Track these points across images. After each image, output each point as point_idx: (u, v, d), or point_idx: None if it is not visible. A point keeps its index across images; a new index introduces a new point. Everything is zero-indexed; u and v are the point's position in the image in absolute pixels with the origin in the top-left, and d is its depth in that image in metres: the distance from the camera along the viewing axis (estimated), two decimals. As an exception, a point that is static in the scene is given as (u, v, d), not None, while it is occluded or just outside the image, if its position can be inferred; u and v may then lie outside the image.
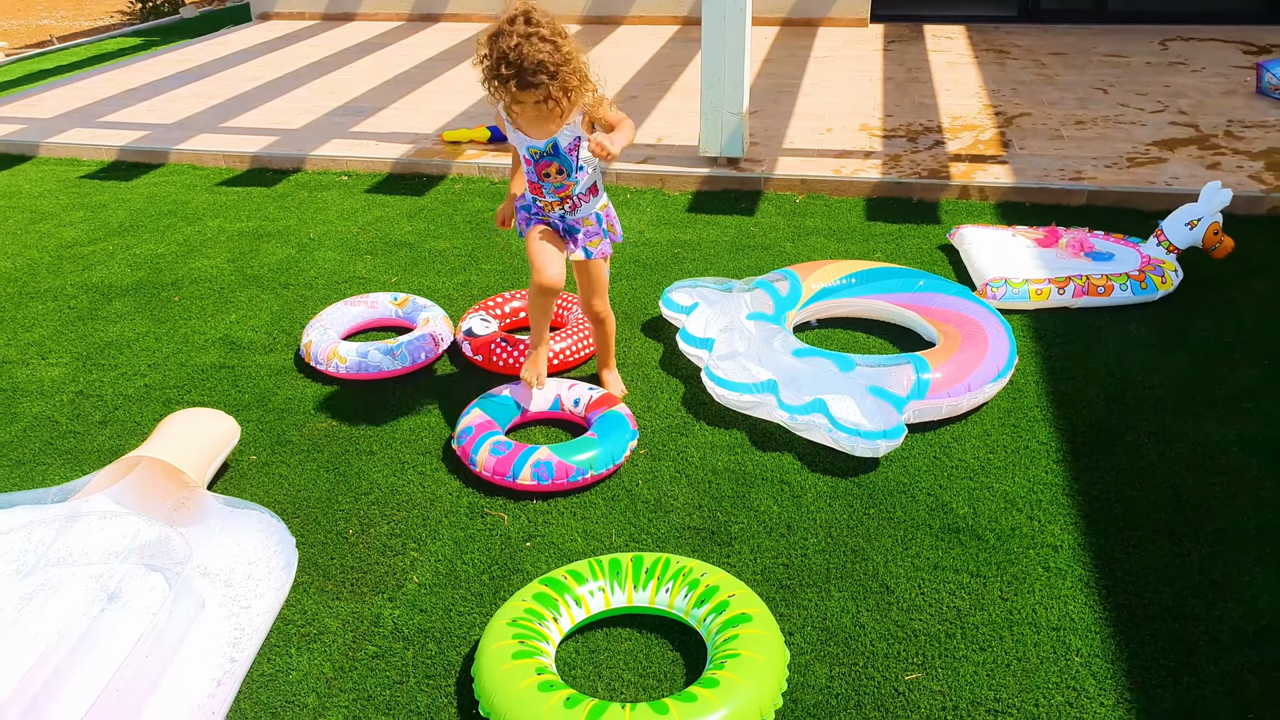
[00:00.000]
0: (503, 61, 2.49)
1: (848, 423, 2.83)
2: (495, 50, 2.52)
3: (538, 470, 2.72)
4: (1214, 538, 2.51)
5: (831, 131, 5.52)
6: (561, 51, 2.50)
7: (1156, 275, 3.61)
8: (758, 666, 2.03)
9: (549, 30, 2.51)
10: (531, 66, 2.47)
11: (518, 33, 2.48)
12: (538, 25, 2.50)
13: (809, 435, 2.92)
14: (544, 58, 2.47)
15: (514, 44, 2.47)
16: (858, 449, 2.81)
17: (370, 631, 2.35)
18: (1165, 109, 5.67)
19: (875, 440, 2.79)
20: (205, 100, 6.65)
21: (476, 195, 5.04)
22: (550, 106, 2.57)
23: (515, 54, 2.46)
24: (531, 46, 2.46)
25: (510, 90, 2.53)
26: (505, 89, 2.54)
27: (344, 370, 3.33)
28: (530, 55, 2.46)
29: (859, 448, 2.80)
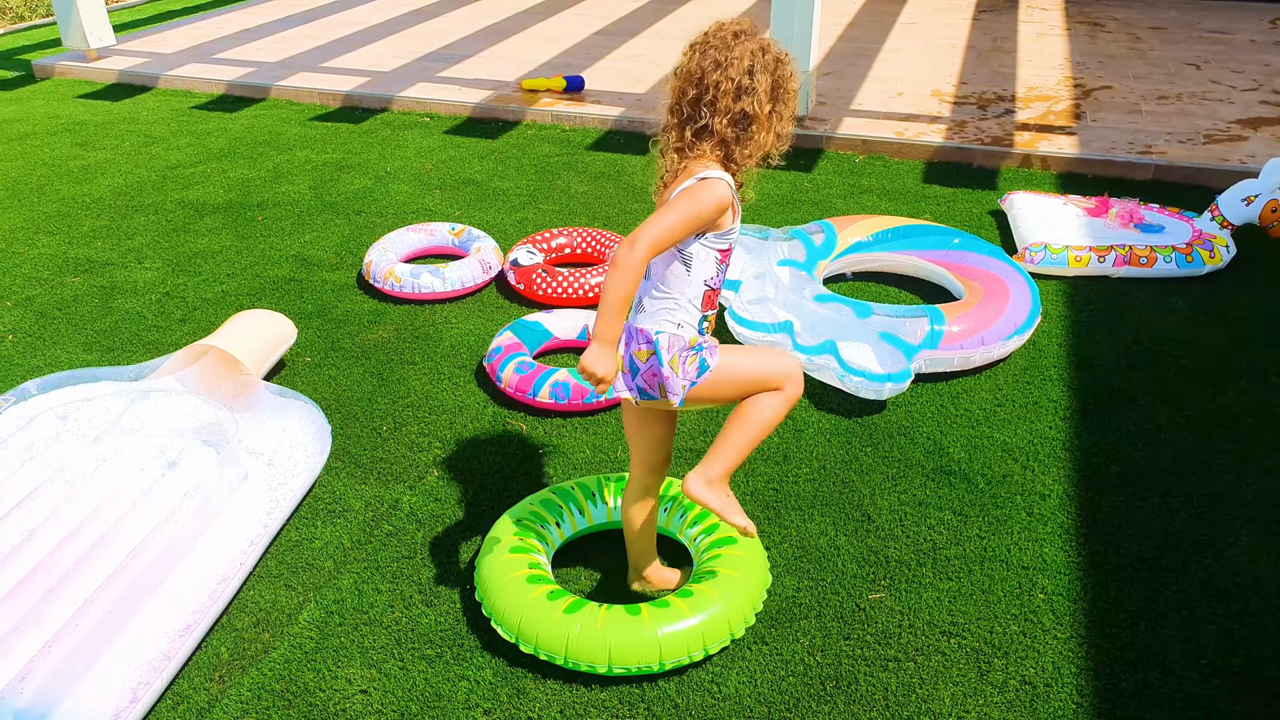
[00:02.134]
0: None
1: (856, 365, 2.94)
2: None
3: (555, 390, 2.91)
4: (1206, 500, 2.53)
5: (902, 95, 5.51)
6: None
7: (1205, 250, 3.56)
8: (732, 584, 2.16)
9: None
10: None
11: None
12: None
13: (820, 376, 3.03)
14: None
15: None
16: (863, 390, 2.91)
17: (388, 513, 2.59)
18: (1259, 87, 5.46)
19: (880, 383, 2.88)
20: (309, 41, 7.00)
21: (546, 141, 5.22)
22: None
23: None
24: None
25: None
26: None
27: (398, 289, 3.58)
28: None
29: (864, 389, 2.90)
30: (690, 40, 1.91)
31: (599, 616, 2.07)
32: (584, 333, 3.26)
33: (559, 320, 3.26)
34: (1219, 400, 2.93)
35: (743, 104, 1.82)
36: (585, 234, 3.85)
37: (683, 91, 1.87)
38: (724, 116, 1.83)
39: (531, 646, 2.08)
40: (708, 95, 1.83)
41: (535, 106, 5.53)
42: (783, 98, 1.88)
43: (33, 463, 2.57)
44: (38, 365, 3.27)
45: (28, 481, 2.52)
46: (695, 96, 1.85)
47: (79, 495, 2.46)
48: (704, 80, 1.83)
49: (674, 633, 2.04)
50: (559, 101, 5.60)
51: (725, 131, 1.84)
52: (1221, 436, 2.77)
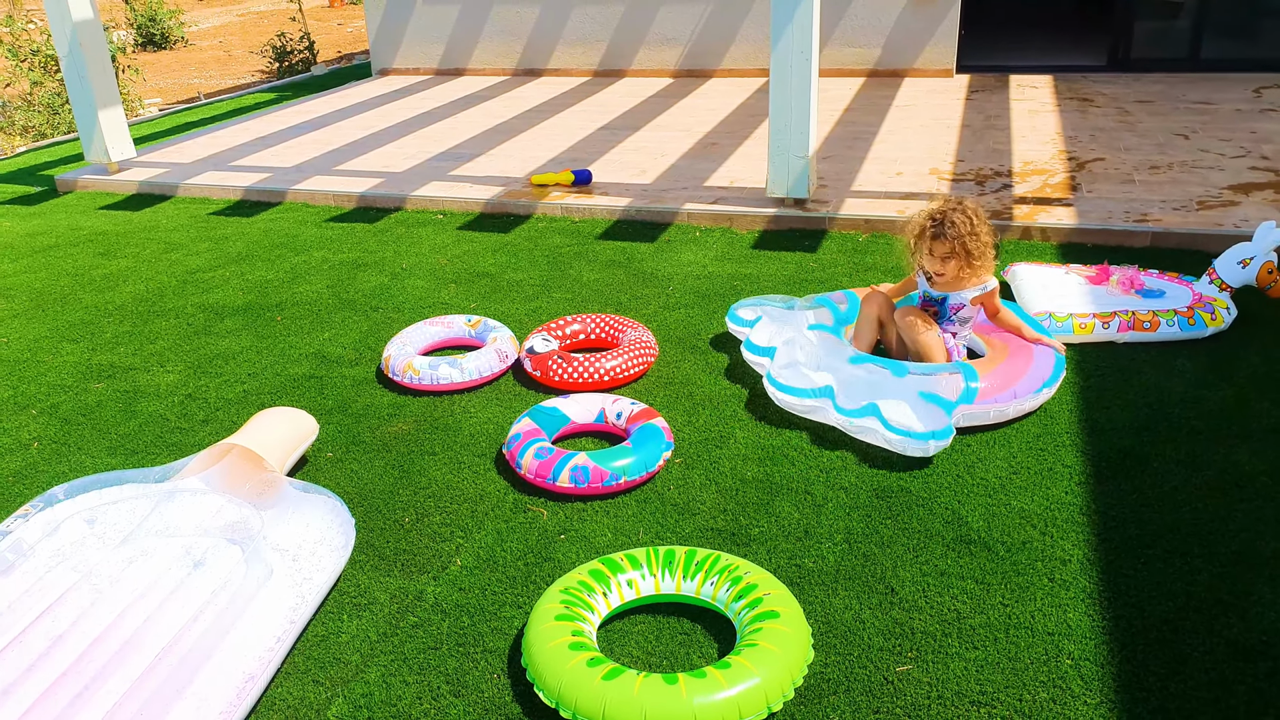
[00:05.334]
0: (930, 219, 3.28)
1: (899, 425, 3.00)
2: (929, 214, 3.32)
3: (575, 474, 2.95)
4: (1227, 559, 2.54)
5: (901, 175, 5.67)
6: (975, 226, 3.23)
7: (1206, 313, 3.63)
8: (772, 657, 2.18)
9: (973, 212, 3.27)
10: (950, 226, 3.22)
11: (951, 207, 3.27)
12: (966, 207, 3.27)
13: (864, 437, 3.11)
14: (959, 223, 3.21)
15: (943, 211, 3.26)
16: (909, 449, 2.98)
17: (413, 604, 2.61)
18: (1247, 154, 5.61)
19: (925, 440, 2.96)
20: (322, 146, 7.27)
21: (557, 233, 5.38)
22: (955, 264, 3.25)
23: (941, 216, 3.24)
24: (958, 215, 3.23)
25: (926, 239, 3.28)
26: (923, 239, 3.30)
27: (417, 381, 3.66)
28: (951, 219, 3.22)
29: (910, 447, 2.97)
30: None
31: (636, 684, 2.10)
32: (601, 416, 3.31)
33: (576, 405, 3.32)
34: (1231, 459, 2.95)
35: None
36: (598, 320, 3.94)
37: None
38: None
39: (571, 712, 2.11)
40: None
41: (545, 200, 5.71)
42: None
43: (59, 568, 2.61)
44: (63, 471, 3.33)
45: (55, 587, 2.55)
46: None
47: (106, 599, 2.49)
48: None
49: (709, 703, 2.05)
50: (568, 194, 5.78)
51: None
52: (1236, 495, 2.78)
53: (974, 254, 3.23)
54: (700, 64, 9.15)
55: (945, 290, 3.39)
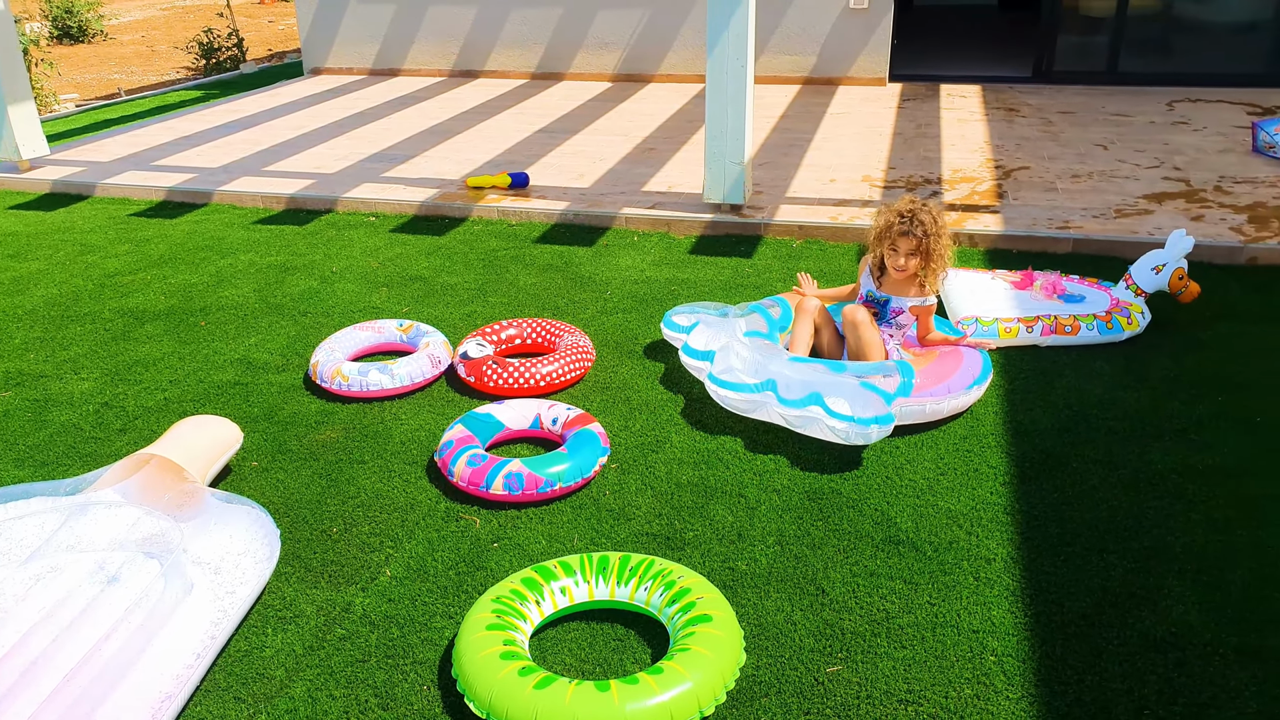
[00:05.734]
0: (898, 215, 3.35)
1: (843, 413, 3.05)
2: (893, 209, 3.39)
3: (509, 481, 2.93)
4: (1140, 554, 2.63)
5: (834, 182, 5.76)
6: (939, 227, 3.35)
7: (1123, 317, 3.75)
8: (704, 661, 2.19)
9: (937, 213, 3.38)
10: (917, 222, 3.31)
11: (919, 206, 3.36)
12: (931, 208, 3.38)
13: (806, 430, 3.15)
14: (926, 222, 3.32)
15: (912, 209, 3.34)
16: (852, 436, 3.02)
17: (341, 616, 2.56)
18: (1161, 165, 5.82)
19: (868, 426, 3.01)
20: (251, 146, 7.11)
21: (493, 236, 5.34)
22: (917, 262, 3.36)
23: (910, 213, 3.33)
24: (925, 215, 3.33)
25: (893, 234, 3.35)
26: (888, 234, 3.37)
27: (346, 388, 3.59)
28: (919, 217, 3.32)
29: (853, 434, 3.02)
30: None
31: (568, 692, 2.09)
32: (536, 422, 3.29)
33: (510, 411, 3.30)
34: (1145, 458, 3.05)
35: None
36: (534, 325, 3.92)
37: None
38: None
39: None
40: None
41: (481, 203, 5.66)
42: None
43: (-41, 588, 2.50)
44: (-26, 481, 3.20)
45: (-46, 609, 2.44)
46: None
47: (10, 618, 2.38)
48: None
49: (641, 709, 2.05)
50: (505, 197, 5.74)
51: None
52: (1149, 493, 2.88)
53: (935, 254, 3.34)
54: (639, 69, 9.18)
55: (890, 293, 3.46)
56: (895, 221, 3.35)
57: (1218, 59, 8.11)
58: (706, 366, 3.49)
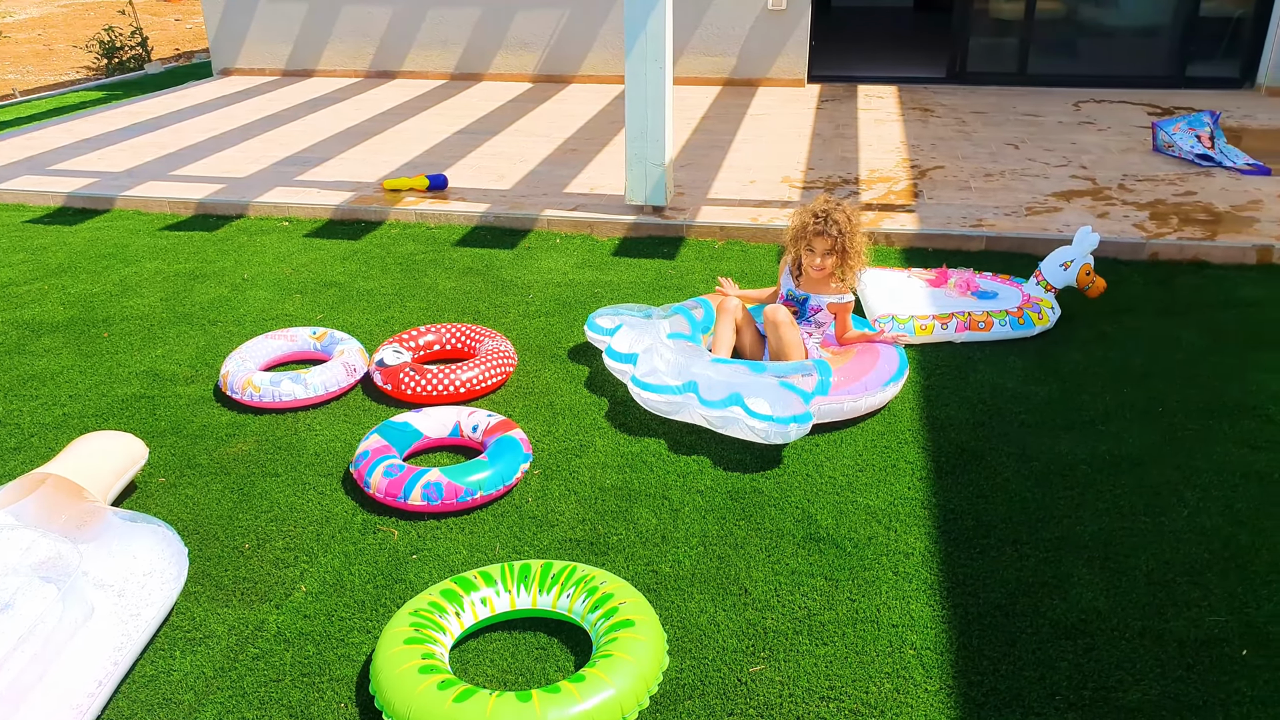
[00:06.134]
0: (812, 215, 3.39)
1: (762, 412, 3.06)
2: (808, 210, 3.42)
3: (427, 491, 2.87)
4: (1051, 544, 2.70)
5: (755, 183, 5.80)
6: (853, 225, 3.40)
7: (1034, 312, 3.85)
8: (626, 667, 2.17)
9: (851, 212, 3.44)
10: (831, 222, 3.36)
11: (833, 206, 3.40)
12: (845, 207, 3.42)
13: (727, 430, 3.17)
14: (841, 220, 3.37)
15: (841, 215, 3.38)
16: (771, 435, 3.04)
17: (254, 635, 2.47)
18: (1068, 164, 6.01)
19: (787, 424, 3.03)
20: (157, 150, 6.86)
21: (411, 240, 5.24)
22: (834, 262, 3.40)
23: (825, 214, 3.37)
24: (840, 214, 3.37)
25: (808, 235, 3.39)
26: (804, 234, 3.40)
27: (258, 399, 3.48)
28: (834, 216, 3.36)
29: (773, 433, 3.03)
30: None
31: (489, 704, 2.05)
32: (456, 429, 3.23)
33: (429, 419, 3.23)
34: (1056, 450, 3.14)
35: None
36: (453, 330, 3.85)
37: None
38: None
39: None
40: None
41: (398, 206, 5.56)
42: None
43: None
44: None
45: None
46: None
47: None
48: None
49: (563, 718, 2.02)
50: (423, 200, 5.64)
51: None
52: (1060, 484, 2.96)
53: (850, 253, 3.38)
54: (559, 69, 9.13)
55: (809, 291, 3.49)
56: (810, 221, 3.38)
57: (1120, 61, 8.43)
58: (630, 369, 3.48)
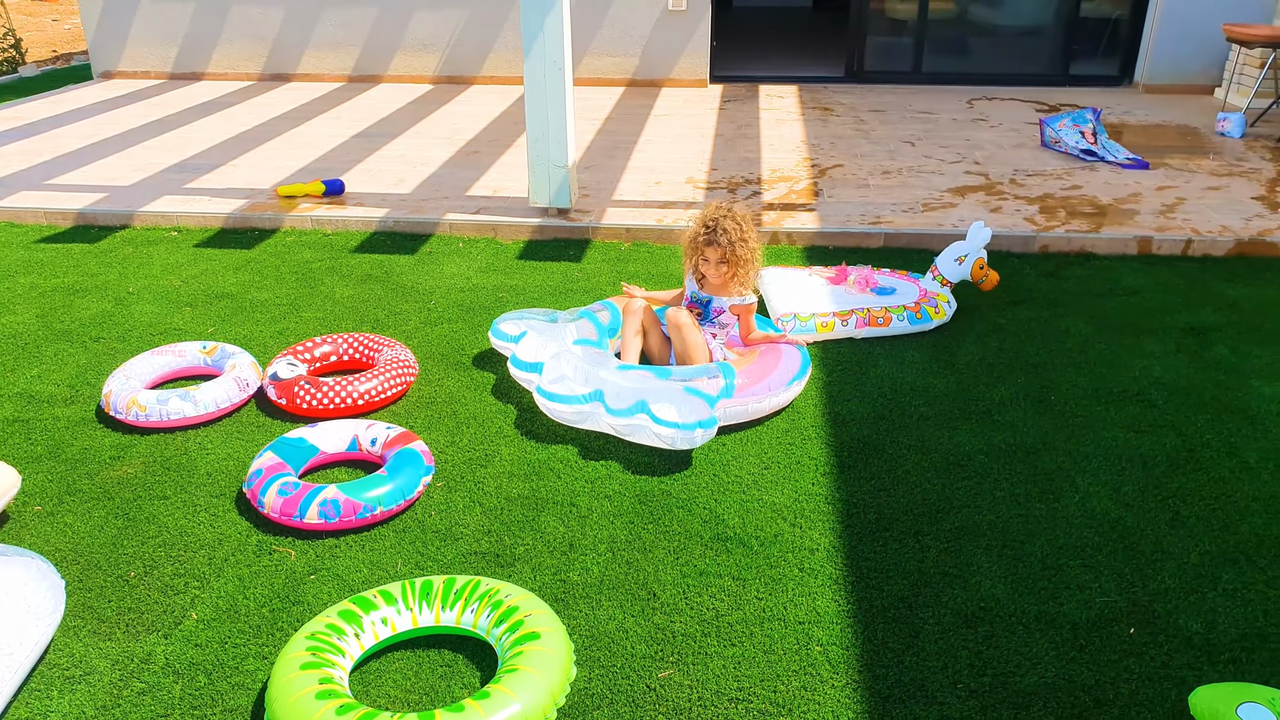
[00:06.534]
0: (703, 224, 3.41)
1: (669, 419, 3.04)
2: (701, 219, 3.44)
3: (324, 509, 2.77)
4: (951, 534, 2.76)
5: (659, 184, 5.81)
6: (744, 232, 3.39)
7: (931, 307, 3.94)
8: (532, 681, 2.13)
9: (742, 219, 3.42)
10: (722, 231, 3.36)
11: (723, 214, 3.40)
12: (735, 214, 3.41)
13: (635, 438, 3.15)
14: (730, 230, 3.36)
15: (730, 223, 3.37)
16: (678, 441, 3.03)
17: (140, 669, 2.35)
18: (962, 160, 6.19)
19: (693, 430, 3.02)
20: (31, 158, 6.50)
21: (307, 247, 5.08)
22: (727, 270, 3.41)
23: (714, 223, 3.38)
24: (729, 223, 3.37)
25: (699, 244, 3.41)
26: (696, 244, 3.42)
27: (144, 419, 3.32)
28: (722, 225, 3.36)
29: (679, 439, 3.03)
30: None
31: None
32: (354, 443, 3.14)
33: (325, 433, 3.13)
34: (954, 441, 3.21)
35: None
36: (351, 340, 3.74)
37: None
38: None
39: None
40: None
41: (293, 212, 5.38)
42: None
43: None
44: None
45: None
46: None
47: None
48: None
49: (466, 741, 1.97)
50: (319, 206, 5.48)
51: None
52: (958, 474, 3.03)
53: (743, 259, 3.39)
54: (460, 70, 8.99)
55: (711, 294, 3.50)
56: (700, 232, 3.42)
57: (1009, 60, 8.73)
58: (535, 378, 3.43)
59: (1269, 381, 3.58)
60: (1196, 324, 4.06)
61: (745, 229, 3.41)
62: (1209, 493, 2.94)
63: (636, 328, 3.53)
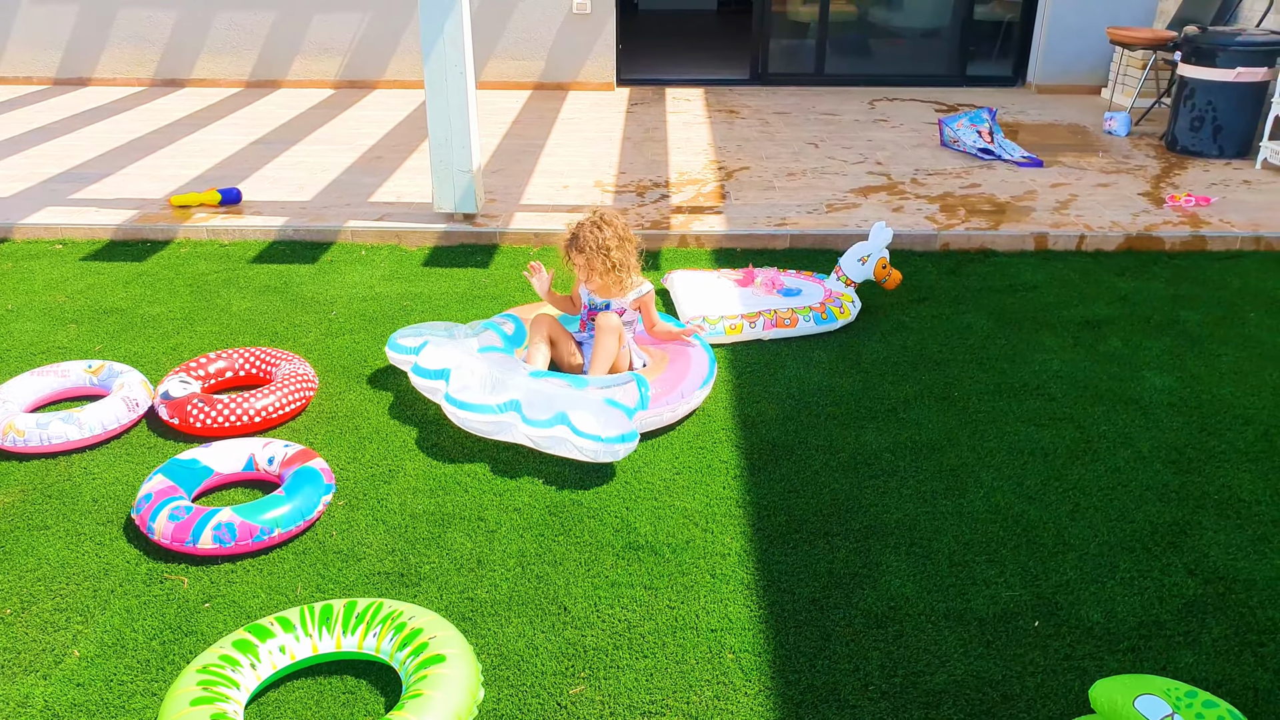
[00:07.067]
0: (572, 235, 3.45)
1: (589, 432, 2.98)
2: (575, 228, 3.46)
3: (219, 533, 2.65)
4: (859, 534, 2.78)
5: (568, 188, 5.76)
6: (606, 239, 3.37)
7: (836, 307, 3.99)
8: (436, 705, 2.06)
9: (607, 223, 3.41)
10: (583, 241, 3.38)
11: (589, 221, 3.42)
12: (602, 219, 3.42)
13: (554, 450, 3.07)
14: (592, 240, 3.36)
15: (591, 232, 3.38)
16: (600, 455, 2.98)
17: (15, 713, 2.20)
18: (865, 160, 6.30)
19: (615, 444, 2.97)
20: (-100, 169, 6.11)
21: (202, 258, 4.88)
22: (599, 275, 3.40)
23: (576, 231, 3.43)
24: (589, 231, 3.39)
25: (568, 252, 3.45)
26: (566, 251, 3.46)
27: (22, 444, 3.13)
28: (581, 233, 3.40)
29: (601, 453, 2.97)
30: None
31: None
32: (250, 463, 3.01)
33: (218, 454, 2.99)
34: (861, 440, 3.25)
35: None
36: (247, 354, 3.60)
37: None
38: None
39: None
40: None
41: (188, 223, 5.17)
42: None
43: None
44: None
45: None
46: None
47: None
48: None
49: (364, 777, 1.89)
50: (215, 215, 5.27)
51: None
52: (866, 473, 3.07)
53: (616, 264, 3.37)
54: (362, 74, 8.79)
55: (606, 297, 3.47)
56: (564, 241, 3.45)
57: (908, 61, 8.94)
58: (441, 386, 3.34)
59: (1159, 373, 3.73)
60: (1091, 317, 4.20)
61: (609, 234, 3.36)
62: (1106, 483, 3.04)
63: (544, 336, 3.48)
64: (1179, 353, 3.89)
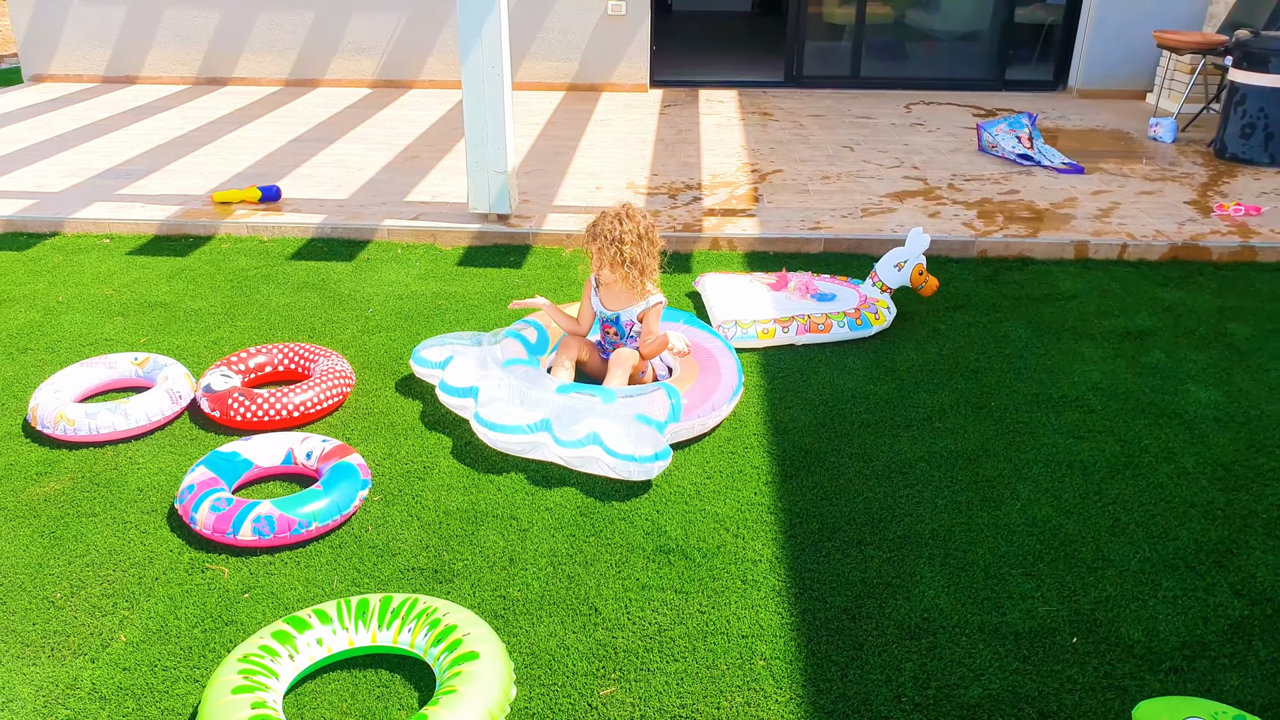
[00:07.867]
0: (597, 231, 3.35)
1: (622, 451, 3.00)
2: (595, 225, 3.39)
3: (258, 525, 2.70)
4: (894, 543, 2.78)
5: (600, 190, 5.79)
6: (622, 233, 3.30)
7: (871, 313, 3.98)
8: (469, 702, 2.09)
9: (627, 217, 3.34)
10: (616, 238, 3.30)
11: (613, 213, 3.34)
12: (625, 214, 3.34)
13: (586, 469, 3.08)
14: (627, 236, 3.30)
15: (609, 223, 3.32)
16: (635, 474, 2.99)
17: (65, 695, 2.26)
18: (901, 165, 6.27)
19: (649, 463, 2.97)
20: (-47, 162, 6.26)
21: (242, 254, 4.96)
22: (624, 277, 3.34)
23: (605, 225, 3.33)
24: (607, 223, 3.33)
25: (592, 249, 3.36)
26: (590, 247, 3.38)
27: (72, 433, 3.21)
28: (604, 225, 3.33)
29: (635, 472, 2.98)
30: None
31: None
32: (289, 457, 3.06)
33: (259, 447, 3.05)
34: (895, 448, 3.24)
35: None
36: (286, 350, 3.66)
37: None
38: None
39: None
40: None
41: (229, 219, 5.26)
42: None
43: None
44: None
45: None
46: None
47: None
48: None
49: (399, 769, 1.93)
50: (255, 212, 5.36)
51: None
52: (900, 482, 3.06)
53: (628, 260, 3.30)
54: (399, 74, 8.88)
55: (617, 309, 3.45)
56: (587, 238, 3.40)
57: (945, 65, 8.88)
58: (470, 404, 3.34)
59: (1204, 386, 3.68)
60: (1133, 328, 4.16)
61: (625, 228, 3.29)
62: (1148, 498, 3.00)
63: (573, 357, 3.46)
64: (1226, 366, 3.84)
